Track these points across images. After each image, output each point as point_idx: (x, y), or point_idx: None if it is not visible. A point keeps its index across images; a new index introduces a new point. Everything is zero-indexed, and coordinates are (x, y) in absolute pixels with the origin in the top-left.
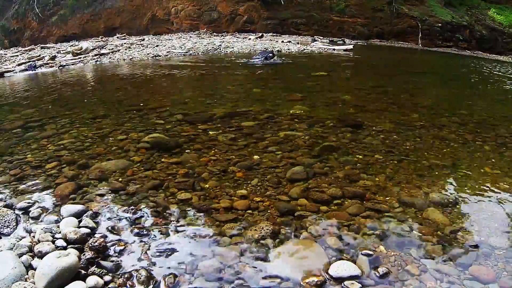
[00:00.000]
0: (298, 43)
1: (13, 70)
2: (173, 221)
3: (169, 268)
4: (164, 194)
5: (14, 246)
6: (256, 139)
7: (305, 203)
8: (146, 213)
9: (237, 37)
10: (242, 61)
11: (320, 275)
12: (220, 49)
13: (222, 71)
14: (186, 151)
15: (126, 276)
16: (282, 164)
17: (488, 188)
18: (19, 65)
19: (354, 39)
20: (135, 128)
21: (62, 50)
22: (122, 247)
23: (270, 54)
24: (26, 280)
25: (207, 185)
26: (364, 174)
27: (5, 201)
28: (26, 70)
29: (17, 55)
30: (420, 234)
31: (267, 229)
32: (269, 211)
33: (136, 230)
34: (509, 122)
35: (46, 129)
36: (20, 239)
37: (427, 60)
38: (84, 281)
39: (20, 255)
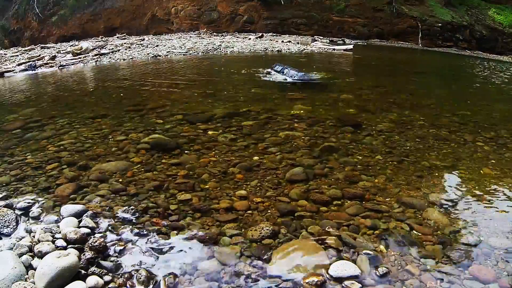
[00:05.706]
0: (298, 43)
1: (13, 70)
2: (173, 221)
3: (169, 268)
4: (164, 195)
5: (14, 246)
6: (256, 139)
7: (305, 204)
8: (146, 213)
9: (237, 37)
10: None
11: (320, 275)
12: (220, 49)
13: (222, 70)
14: (186, 152)
15: (126, 276)
16: (282, 165)
17: (488, 189)
18: (19, 65)
19: (354, 39)
20: (135, 128)
21: (62, 50)
22: (122, 247)
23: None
24: (26, 280)
25: (207, 186)
26: (364, 175)
27: (5, 201)
28: (26, 70)
29: (17, 55)
30: (420, 234)
31: (267, 229)
32: (269, 211)
33: (136, 230)
34: (509, 123)
35: (46, 130)
36: (20, 239)
37: (427, 60)
38: (84, 281)
39: (20, 255)
